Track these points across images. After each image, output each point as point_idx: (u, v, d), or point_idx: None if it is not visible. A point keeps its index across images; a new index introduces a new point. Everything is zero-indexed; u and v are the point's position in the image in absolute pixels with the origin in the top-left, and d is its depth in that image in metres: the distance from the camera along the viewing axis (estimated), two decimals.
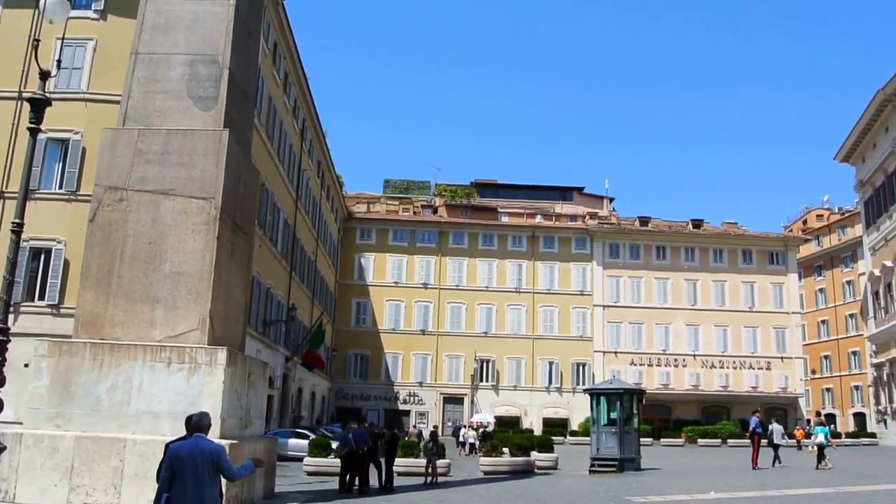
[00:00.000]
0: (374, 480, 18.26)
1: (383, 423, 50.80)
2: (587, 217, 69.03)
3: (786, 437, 28.45)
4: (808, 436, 30.56)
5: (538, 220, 68.38)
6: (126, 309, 13.55)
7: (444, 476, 21.05)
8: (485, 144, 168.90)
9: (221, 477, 6.90)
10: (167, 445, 7.09)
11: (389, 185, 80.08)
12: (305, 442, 25.45)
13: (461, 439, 40.91)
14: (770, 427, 28.88)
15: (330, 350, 56.11)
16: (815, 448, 24.89)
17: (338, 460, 18.71)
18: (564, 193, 76.76)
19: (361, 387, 60.79)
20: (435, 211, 69.83)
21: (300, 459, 23.69)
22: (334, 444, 21.81)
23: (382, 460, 18.95)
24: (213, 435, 10.75)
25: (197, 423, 7.04)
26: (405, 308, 62.34)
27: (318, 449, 22.50)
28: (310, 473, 21.67)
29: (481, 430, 43.35)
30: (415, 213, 68.86)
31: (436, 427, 37.03)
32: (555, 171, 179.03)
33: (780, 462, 26.44)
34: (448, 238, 64.20)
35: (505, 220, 67.78)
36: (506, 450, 24.49)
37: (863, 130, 56.77)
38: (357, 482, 17.61)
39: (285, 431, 32.13)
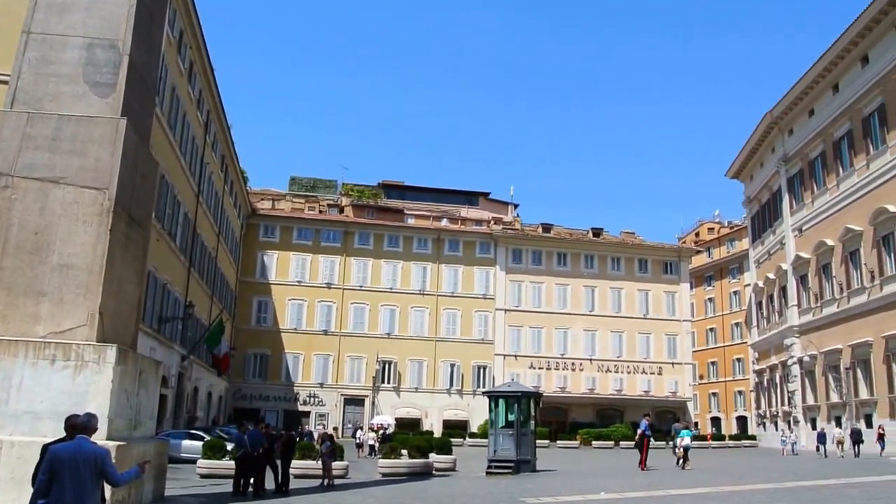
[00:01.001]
0: (270, 483, 17.91)
1: (282, 425, 50.02)
2: (492, 222, 69.93)
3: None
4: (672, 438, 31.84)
5: (444, 223, 68.81)
6: (7, 302, 12.80)
7: (343, 478, 20.87)
8: (393, 146, 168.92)
9: (104, 481, 6.59)
10: (45, 447, 6.72)
11: (295, 183, 78.95)
12: (200, 443, 24.74)
13: (359, 441, 40.71)
14: (673, 426, 30.40)
15: (229, 349, 54.80)
16: (681, 450, 25.90)
17: (233, 462, 18.28)
18: (470, 198, 77.64)
19: (260, 387, 59.56)
20: (341, 210, 69.24)
21: (194, 461, 23.01)
22: (230, 446, 21.27)
23: (279, 462, 18.61)
24: (101, 436, 10.32)
25: (84, 425, 6.71)
26: (308, 308, 61.51)
27: (213, 451, 21.91)
28: (203, 476, 21.08)
29: (381, 431, 43.20)
30: (320, 211, 68.09)
31: (325, 427, 36.67)
32: (462, 176, 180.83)
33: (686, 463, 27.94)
34: (353, 238, 63.75)
35: (411, 222, 67.90)
36: (404, 452, 24.49)
37: (752, 150, 59.82)
38: (252, 484, 17.23)
39: (179, 432, 31.17)
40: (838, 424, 43.21)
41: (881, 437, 34.21)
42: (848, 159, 44.52)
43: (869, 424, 40.48)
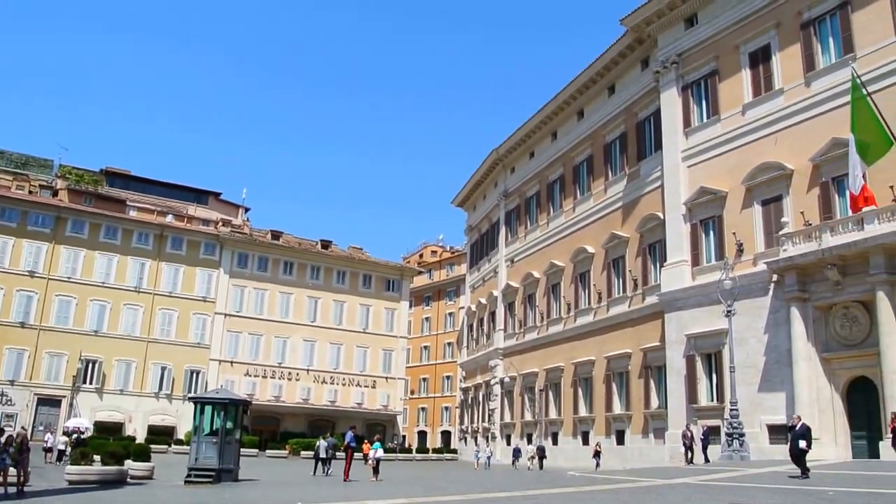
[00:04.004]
0: None
1: None
2: (220, 223, 68.23)
3: (333, 451, 31.76)
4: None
5: (169, 219, 65.89)
6: None
7: (19, 485, 19.45)
8: (121, 131, 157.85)
9: None
10: None
11: (3, 157, 71.12)
12: None
13: (47, 445, 37.72)
14: (318, 443, 32.18)
15: None
16: (374, 461, 27.46)
17: None
18: (200, 196, 75.02)
19: None
20: (55, 194, 63.60)
21: None
22: None
23: None
24: None
25: None
26: (4, 296, 55.50)
27: None
28: None
29: (76, 435, 40.23)
30: (31, 192, 62.01)
31: (13, 429, 33.61)
32: (194, 173, 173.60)
33: (321, 472, 30.13)
34: (66, 225, 58.82)
35: (133, 214, 64.12)
36: (97, 458, 23.32)
37: (477, 182, 64.46)
38: None
39: None
40: (530, 441, 47.67)
41: (597, 454, 37.53)
42: (558, 201, 49.54)
43: (555, 442, 45.32)
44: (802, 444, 17.51)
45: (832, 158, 28.72)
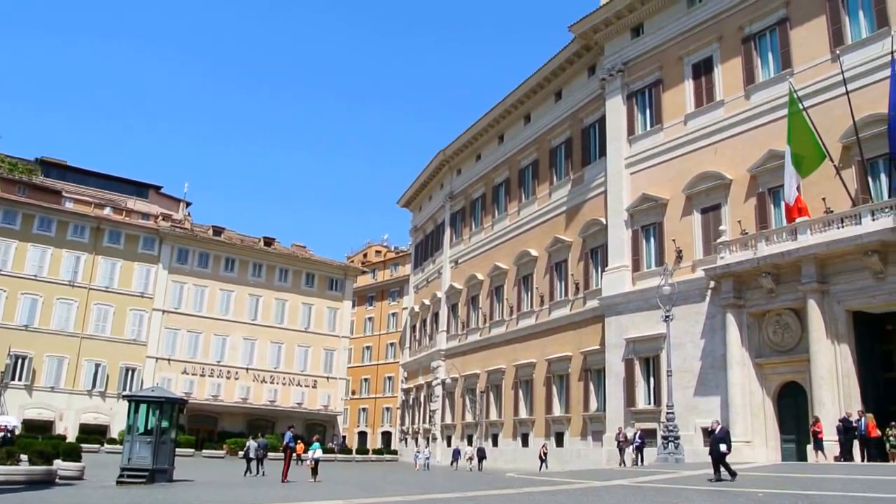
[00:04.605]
0: None
1: None
2: (160, 218, 66.80)
3: (264, 451, 31.63)
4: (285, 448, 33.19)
5: (107, 212, 64.16)
6: None
7: None
8: (58, 121, 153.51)
9: None
10: None
11: None
12: None
13: None
14: (247, 443, 32.00)
15: None
16: (313, 462, 27.24)
17: None
18: (140, 189, 73.27)
19: None
20: None
21: None
22: None
23: None
24: None
25: None
26: None
27: None
28: None
29: (2, 434, 38.83)
30: None
31: None
32: (135, 165, 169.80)
33: (252, 473, 30.00)
34: None
35: (69, 206, 62.20)
36: (25, 457, 22.57)
37: (423, 183, 64.46)
38: None
39: None
40: (470, 443, 47.88)
41: (544, 456, 37.77)
42: (503, 204, 49.88)
43: (495, 443, 45.60)
44: (723, 447, 17.99)
45: (769, 170, 29.57)
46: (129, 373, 59.52)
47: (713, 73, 33.35)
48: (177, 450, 26.58)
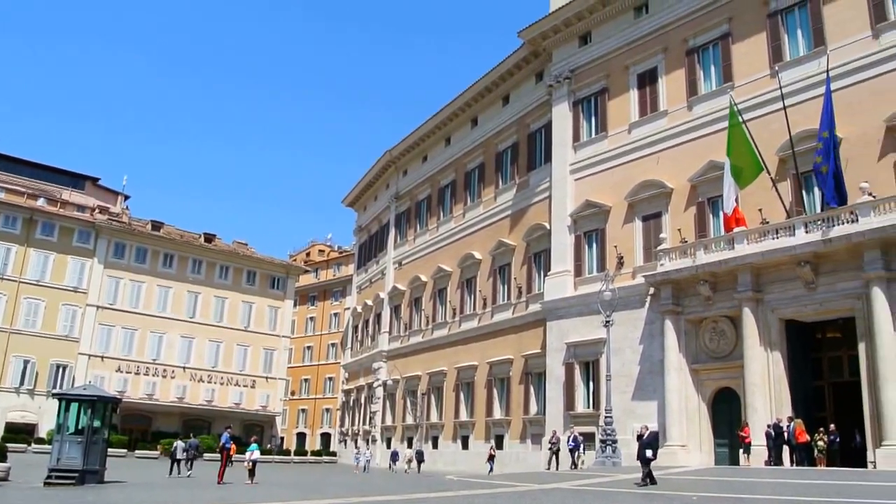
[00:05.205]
0: None
1: None
2: (97, 210, 64.98)
3: (194, 451, 31.24)
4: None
5: (41, 202, 62.03)
6: None
7: None
8: None
9: None
10: None
11: None
12: None
13: None
14: (175, 443, 31.64)
15: None
16: (250, 463, 26.93)
17: None
18: (76, 180, 71.07)
19: None
20: None
21: None
22: None
23: None
24: None
25: None
26: None
27: None
28: None
29: None
30: None
31: None
32: (71, 155, 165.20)
33: (178, 474, 29.85)
34: None
35: (1, 195, 60.05)
36: None
37: (369, 183, 64.18)
38: None
39: None
40: (409, 445, 47.72)
41: (491, 458, 36.99)
42: (449, 206, 49.97)
43: (435, 446, 45.59)
44: (648, 452, 18.35)
45: (709, 180, 30.28)
46: (60, 370, 57.69)
47: (657, 84, 34.02)
48: (109, 450, 25.90)
